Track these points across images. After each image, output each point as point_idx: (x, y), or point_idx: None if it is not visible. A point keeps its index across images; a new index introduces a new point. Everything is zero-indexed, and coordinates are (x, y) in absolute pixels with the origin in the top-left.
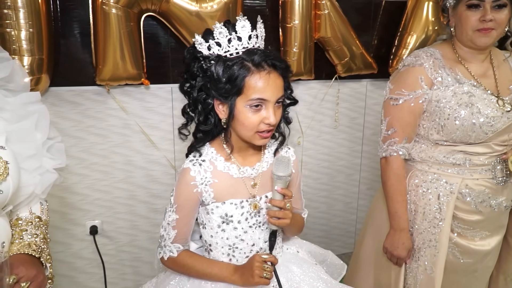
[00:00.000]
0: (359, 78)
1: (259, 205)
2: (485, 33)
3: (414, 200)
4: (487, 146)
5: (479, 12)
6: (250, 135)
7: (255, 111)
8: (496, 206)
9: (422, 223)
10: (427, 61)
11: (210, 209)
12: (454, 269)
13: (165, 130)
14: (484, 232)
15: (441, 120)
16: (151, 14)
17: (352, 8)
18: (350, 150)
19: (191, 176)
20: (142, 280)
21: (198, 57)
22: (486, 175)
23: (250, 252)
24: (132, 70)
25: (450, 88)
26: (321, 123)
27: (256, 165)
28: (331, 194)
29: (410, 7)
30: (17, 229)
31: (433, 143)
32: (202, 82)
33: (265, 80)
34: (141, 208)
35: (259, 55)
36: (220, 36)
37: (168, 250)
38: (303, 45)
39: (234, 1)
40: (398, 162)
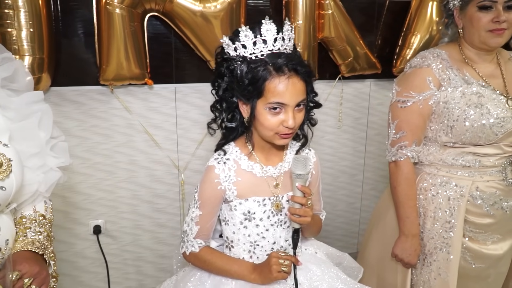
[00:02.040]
0: (362, 78)
1: (281, 204)
2: (498, 34)
3: (423, 204)
4: (497, 147)
5: (491, 13)
6: (270, 135)
7: (274, 114)
8: (508, 208)
9: (433, 227)
10: (434, 62)
11: (233, 206)
12: (467, 274)
13: (168, 130)
14: (496, 235)
15: (449, 122)
16: (155, 14)
17: (356, 8)
18: (354, 150)
19: (215, 173)
20: (145, 280)
21: (226, 58)
22: (497, 176)
23: (271, 250)
24: (136, 70)
25: (458, 89)
26: (325, 123)
27: (279, 165)
28: (334, 194)
29: (414, 7)
30: (21, 227)
31: (442, 145)
32: (228, 82)
33: (285, 84)
34: (144, 207)
35: (281, 59)
36: (245, 39)
37: (190, 245)
38: (307, 45)
39: (238, 1)
40: (408, 166)
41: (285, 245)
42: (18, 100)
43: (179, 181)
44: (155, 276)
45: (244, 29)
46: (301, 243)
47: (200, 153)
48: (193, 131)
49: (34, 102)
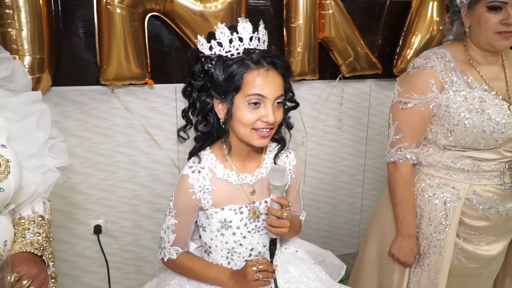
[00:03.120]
0: (363, 78)
1: (258, 211)
2: (506, 36)
3: (420, 204)
4: (497, 152)
5: (500, 15)
6: (247, 133)
7: (254, 109)
8: (504, 212)
9: (428, 228)
10: (438, 64)
11: (210, 214)
12: (459, 274)
13: (168, 130)
14: (490, 237)
15: (450, 126)
16: (155, 14)
17: (356, 8)
18: (354, 150)
19: (189, 183)
20: (145, 280)
21: (200, 57)
22: (494, 181)
23: (249, 256)
24: (136, 70)
25: (461, 93)
26: (325, 123)
27: (256, 171)
28: (334, 194)
29: (414, 7)
30: (19, 228)
31: (441, 147)
32: (202, 82)
33: (264, 76)
34: (144, 207)
35: (258, 53)
36: (221, 36)
37: (168, 252)
38: (307, 45)
39: (238, 1)
40: (407, 167)
41: (263, 251)
42: (16, 100)
43: None
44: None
45: (220, 27)
46: (280, 242)
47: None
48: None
49: (32, 102)
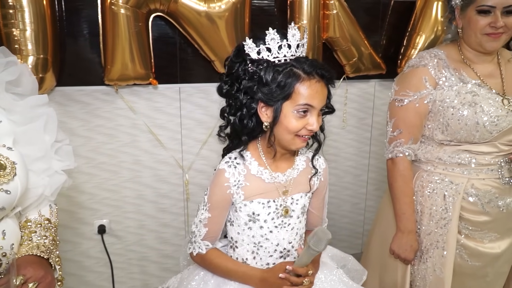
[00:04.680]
0: (367, 78)
1: (290, 209)
2: (495, 38)
3: (421, 201)
4: (493, 146)
5: (489, 18)
6: (289, 139)
7: (301, 117)
8: (504, 206)
9: (429, 224)
10: (430, 62)
11: (239, 207)
12: (462, 272)
13: (173, 130)
14: (493, 234)
15: (445, 120)
16: (160, 14)
17: (360, 8)
18: (358, 150)
19: (225, 177)
20: (149, 280)
21: (245, 60)
22: (493, 174)
23: (274, 252)
24: (141, 70)
25: (454, 88)
26: (329, 124)
27: (287, 172)
28: (338, 195)
29: (419, 7)
30: (26, 231)
31: (438, 143)
32: (248, 85)
33: (315, 88)
34: (148, 207)
35: (309, 64)
36: (271, 42)
37: (197, 247)
38: (311, 45)
39: (242, 1)
40: (404, 163)
41: (288, 247)
42: (23, 104)
43: (184, 181)
44: (160, 276)
45: (272, 32)
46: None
47: (205, 153)
48: (198, 131)
49: (38, 105)
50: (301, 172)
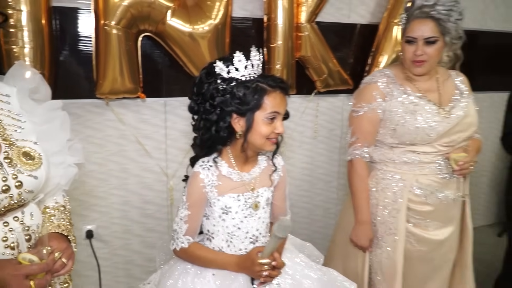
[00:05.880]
0: (336, 93)
1: (259, 204)
2: (418, 65)
3: (376, 195)
4: (432, 147)
5: (414, 47)
6: (262, 143)
7: (269, 123)
8: (443, 198)
9: (383, 214)
10: (380, 79)
11: (213, 202)
12: (411, 256)
13: (158, 140)
14: (436, 222)
15: (392, 126)
16: (148, 34)
17: (330, 31)
18: (329, 159)
19: (200, 178)
20: (134, 283)
21: (216, 79)
22: (433, 171)
23: (245, 239)
24: (130, 85)
25: (399, 99)
26: (302, 134)
27: (251, 171)
28: (311, 200)
29: (381, 30)
30: (46, 215)
31: (389, 146)
32: (222, 101)
33: (279, 98)
34: (134, 213)
35: (271, 79)
36: (239, 63)
37: (180, 242)
38: (286, 63)
39: (223, 24)
40: (361, 164)
41: (256, 234)
42: (41, 108)
43: (168, 188)
44: (144, 279)
45: (238, 55)
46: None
47: (187, 162)
48: (181, 141)
49: (54, 109)
50: (263, 170)
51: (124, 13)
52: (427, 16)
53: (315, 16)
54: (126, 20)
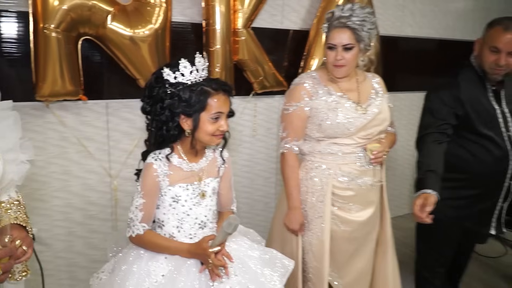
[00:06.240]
0: (272, 94)
1: (206, 192)
2: (338, 68)
3: (306, 183)
4: (352, 139)
5: (334, 52)
6: (208, 139)
7: (214, 122)
8: (362, 184)
9: (312, 200)
10: (307, 80)
11: (164, 192)
12: (337, 236)
13: (100, 142)
14: (358, 205)
15: (318, 121)
16: (88, 37)
17: (265, 36)
18: (267, 156)
19: (154, 168)
20: (78, 285)
21: (164, 84)
22: (354, 160)
23: (194, 224)
24: (70, 87)
25: (323, 98)
26: (241, 133)
27: (199, 162)
28: (252, 196)
29: (312, 36)
30: (2, 210)
31: (316, 139)
32: (171, 103)
33: (222, 99)
34: (77, 215)
35: (215, 82)
36: (184, 69)
37: (136, 229)
38: (224, 66)
39: (163, 28)
40: (291, 156)
41: (204, 220)
42: None
43: (111, 189)
44: (88, 281)
45: (183, 61)
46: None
47: (131, 162)
48: (124, 142)
49: (6, 109)
50: (210, 161)
51: (64, 17)
52: (344, 25)
53: (250, 22)
54: (66, 24)
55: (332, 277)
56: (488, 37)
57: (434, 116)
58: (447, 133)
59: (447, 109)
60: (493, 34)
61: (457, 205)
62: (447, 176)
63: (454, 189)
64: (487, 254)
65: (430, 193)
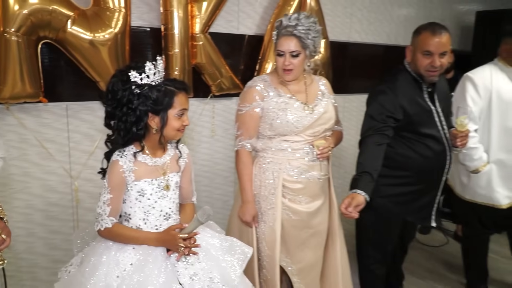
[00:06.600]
0: (230, 96)
1: (170, 185)
2: (287, 73)
3: (259, 177)
4: (300, 136)
5: (283, 58)
6: (174, 134)
7: (179, 118)
8: (310, 177)
9: (264, 192)
10: (259, 83)
11: (130, 187)
12: (288, 225)
13: (61, 143)
14: (307, 197)
15: (269, 120)
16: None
17: (222, 41)
18: (226, 155)
19: (120, 165)
20: (40, 285)
21: (131, 86)
22: (302, 156)
23: (159, 216)
24: (31, 90)
25: (273, 99)
26: (200, 134)
27: (163, 157)
28: (211, 194)
29: (266, 41)
30: None
31: (268, 137)
32: (139, 103)
33: (184, 97)
34: (38, 216)
35: (177, 82)
36: (149, 71)
37: (104, 223)
38: (183, 69)
39: (123, 32)
40: (244, 153)
41: (168, 211)
42: None
43: (72, 189)
44: (50, 281)
45: (148, 64)
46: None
47: (92, 163)
48: (84, 144)
49: None
50: (172, 157)
51: (24, 21)
52: (291, 34)
53: (208, 27)
54: (26, 28)
55: (286, 263)
56: (418, 43)
57: (374, 119)
58: (387, 134)
59: (386, 113)
60: (423, 40)
61: (403, 200)
62: (395, 174)
63: (400, 186)
64: (430, 244)
65: (359, 193)
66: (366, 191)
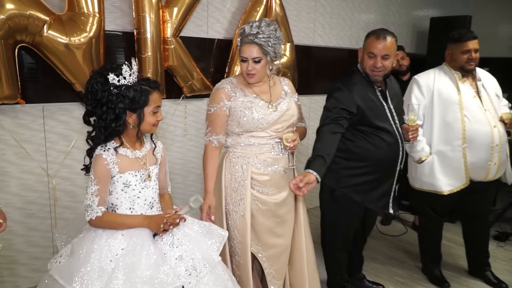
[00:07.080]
0: (201, 97)
1: (151, 174)
2: (251, 77)
3: (230, 171)
4: (266, 132)
5: (246, 64)
6: (150, 128)
7: (154, 114)
8: (276, 170)
9: (235, 184)
10: (226, 85)
11: (115, 179)
12: (257, 214)
13: (38, 143)
14: (273, 189)
15: (237, 118)
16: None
17: (192, 44)
18: (198, 154)
19: (103, 158)
20: (20, 281)
21: (109, 87)
22: (268, 150)
23: (144, 205)
24: (8, 92)
25: (240, 99)
26: (173, 133)
27: (142, 149)
28: (184, 191)
29: (234, 44)
30: None
31: (237, 134)
32: (117, 102)
33: (159, 95)
34: (16, 214)
35: (151, 81)
36: (125, 73)
37: (95, 212)
38: (156, 72)
39: (97, 37)
40: (209, 148)
41: (152, 200)
42: None
43: (50, 188)
44: (29, 277)
45: (125, 67)
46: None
47: (68, 162)
48: (61, 144)
49: None
50: (149, 150)
51: (1, 26)
52: (252, 42)
53: (179, 31)
54: (3, 32)
55: (256, 250)
56: (366, 46)
57: (330, 111)
58: (341, 124)
59: (341, 106)
60: (369, 43)
61: (363, 189)
62: (355, 165)
63: (360, 176)
64: (390, 234)
65: (312, 172)
66: (318, 171)
